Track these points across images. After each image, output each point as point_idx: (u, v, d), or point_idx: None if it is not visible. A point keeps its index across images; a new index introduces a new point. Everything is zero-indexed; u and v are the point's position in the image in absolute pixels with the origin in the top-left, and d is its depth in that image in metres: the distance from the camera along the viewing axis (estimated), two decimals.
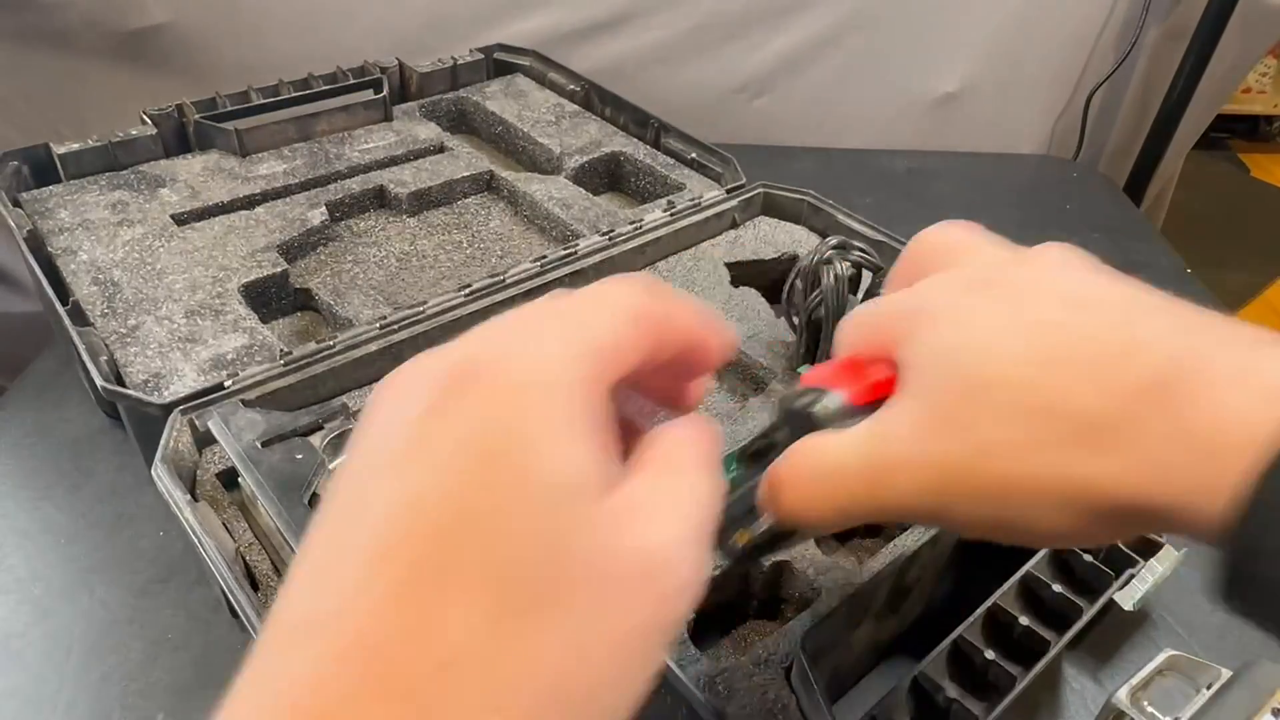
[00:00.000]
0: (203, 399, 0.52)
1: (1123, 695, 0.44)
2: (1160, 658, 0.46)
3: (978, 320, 0.27)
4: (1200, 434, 0.23)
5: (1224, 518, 0.23)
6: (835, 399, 0.30)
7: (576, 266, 0.64)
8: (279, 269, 0.66)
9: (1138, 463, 0.24)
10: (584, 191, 0.77)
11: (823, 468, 0.29)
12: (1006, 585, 0.45)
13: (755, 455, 0.32)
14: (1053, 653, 0.43)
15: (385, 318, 0.59)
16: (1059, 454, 0.25)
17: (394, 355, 0.58)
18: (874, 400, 0.29)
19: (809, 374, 0.32)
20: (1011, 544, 0.28)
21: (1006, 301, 0.27)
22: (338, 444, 0.49)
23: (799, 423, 0.30)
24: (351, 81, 0.84)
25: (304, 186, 0.75)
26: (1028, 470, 0.25)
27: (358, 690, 0.17)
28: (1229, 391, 0.23)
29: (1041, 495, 0.25)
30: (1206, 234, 2.01)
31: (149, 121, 0.76)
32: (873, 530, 0.51)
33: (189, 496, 0.46)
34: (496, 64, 0.95)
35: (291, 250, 0.69)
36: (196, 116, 0.76)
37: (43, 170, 0.72)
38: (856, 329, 0.31)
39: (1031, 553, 0.48)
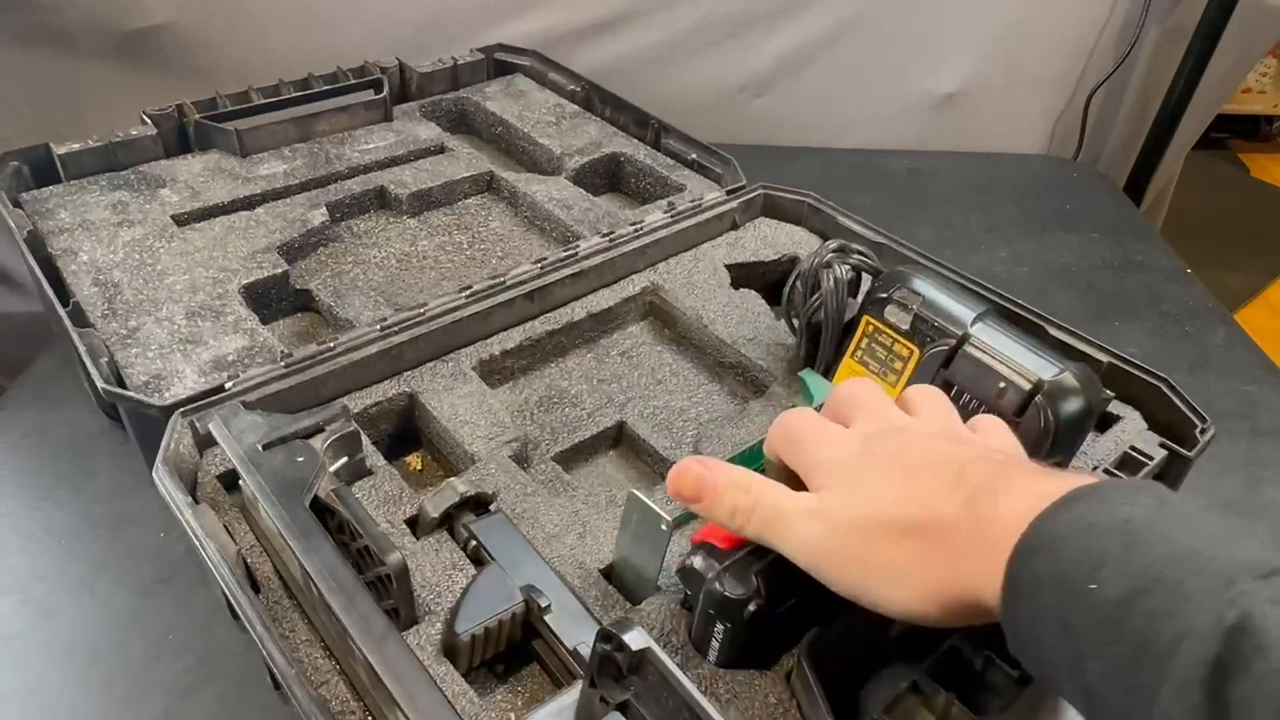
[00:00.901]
0: (203, 401, 0.52)
1: None
2: None
3: (866, 469, 0.37)
4: (990, 533, 0.32)
5: (998, 597, 0.31)
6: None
7: (577, 268, 0.63)
8: (279, 270, 0.66)
9: (959, 558, 0.33)
10: (584, 192, 0.77)
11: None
12: None
13: None
14: None
15: (386, 319, 0.58)
16: (904, 542, 0.34)
17: (394, 357, 0.58)
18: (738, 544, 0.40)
19: (697, 533, 0.42)
20: (873, 610, 0.36)
21: (886, 456, 0.38)
22: (338, 447, 0.49)
23: (694, 581, 0.40)
24: (351, 81, 0.84)
25: (304, 187, 0.75)
26: (883, 552, 0.35)
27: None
28: (1011, 501, 0.32)
29: (890, 573, 0.35)
30: (1206, 234, 2.01)
31: (149, 121, 0.76)
32: None
33: (190, 499, 0.46)
34: (497, 64, 0.95)
35: (292, 251, 0.69)
36: (196, 116, 0.76)
37: (43, 171, 0.72)
38: (783, 439, 0.40)
39: None
